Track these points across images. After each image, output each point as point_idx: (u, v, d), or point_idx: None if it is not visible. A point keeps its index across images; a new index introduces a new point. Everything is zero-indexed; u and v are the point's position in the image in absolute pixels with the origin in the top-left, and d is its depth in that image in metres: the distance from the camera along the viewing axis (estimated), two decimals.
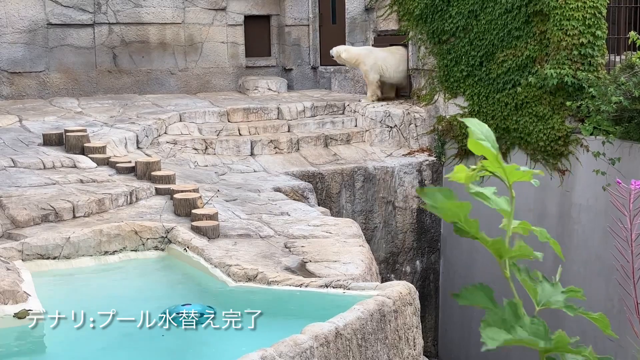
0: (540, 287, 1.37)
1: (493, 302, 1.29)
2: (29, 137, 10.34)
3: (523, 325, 1.26)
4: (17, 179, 8.09)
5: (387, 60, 12.86)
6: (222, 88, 15.32)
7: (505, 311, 1.27)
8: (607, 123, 9.09)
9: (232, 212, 8.01)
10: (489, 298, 1.29)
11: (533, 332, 1.26)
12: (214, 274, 6.02)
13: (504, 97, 10.75)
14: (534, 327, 1.27)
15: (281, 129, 12.32)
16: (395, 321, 4.90)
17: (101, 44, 14.43)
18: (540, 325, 1.28)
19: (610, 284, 8.81)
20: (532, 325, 1.27)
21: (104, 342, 5.06)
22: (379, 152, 12.06)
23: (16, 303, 5.10)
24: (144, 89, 14.77)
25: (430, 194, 1.29)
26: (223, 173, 10.59)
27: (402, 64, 12.94)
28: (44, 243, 6.21)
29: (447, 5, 11.74)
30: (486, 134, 1.32)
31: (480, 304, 1.28)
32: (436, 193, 1.30)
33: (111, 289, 6.15)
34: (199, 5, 15.02)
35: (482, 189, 1.35)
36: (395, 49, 13.11)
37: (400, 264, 11.67)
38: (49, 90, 14.17)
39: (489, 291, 1.31)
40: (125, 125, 11.23)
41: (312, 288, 5.41)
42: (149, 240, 6.67)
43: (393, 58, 12.88)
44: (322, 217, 8.14)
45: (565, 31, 9.75)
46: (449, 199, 1.29)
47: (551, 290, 1.37)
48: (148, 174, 8.58)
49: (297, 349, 4.10)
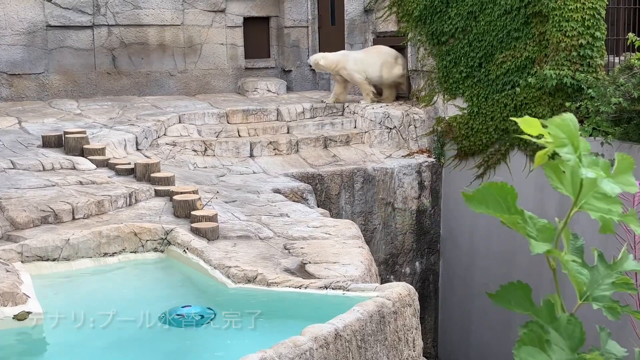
0: (591, 273, 1.26)
1: (531, 301, 1.21)
2: (28, 139, 10.34)
3: (558, 327, 1.19)
4: (16, 180, 8.09)
5: (364, 61, 12.87)
6: (222, 89, 15.33)
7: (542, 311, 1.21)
8: (606, 124, 9.09)
9: (231, 213, 8.01)
10: (526, 297, 1.21)
11: (568, 335, 1.19)
12: (214, 275, 6.02)
13: (503, 98, 10.76)
14: (570, 327, 1.19)
15: (280, 130, 12.32)
16: (395, 322, 4.90)
17: (100, 45, 14.44)
18: (577, 325, 1.20)
19: None
20: (569, 325, 1.19)
21: (104, 344, 5.06)
22: (379, 153, 12.06)
23: (16, 305, 5.10)
24: (143, 90, 14.77)
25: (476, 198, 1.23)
26: (222, 174, 10.59)
27: (382, 64, 12.87)
28: (44, 245, 6.20)
29: (446, 7, 11.75)
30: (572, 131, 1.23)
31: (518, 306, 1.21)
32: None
33: (111, 290, 6.14)
34: (198, 7, 15.02)
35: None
36: (373, 49, 13.14)
37: (399, 265, 11.66)
38: (48, 92, 14.17)
39: (527, 290, 1.23)
40: (125, 127, 11.23)
41: (312, 289, 5.41)
42: (149, 241, 6.66)
43: (370, 58, 12.88)
44: (322, 218, 8.14)
45: (564, 32, 9.76)
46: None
47: (604, 273, 1.26)
48: (147, 175, 8.58)
49: (296, 350, 4.09)
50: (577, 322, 1.20)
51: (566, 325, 1.20)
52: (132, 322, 5.33)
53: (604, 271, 1.26)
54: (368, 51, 13.13)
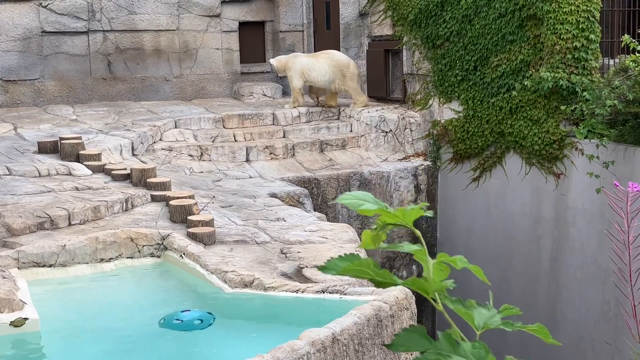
0: (476, 312, 1.39)
1: (428, 339, 1.31)
2: (24, 145, 10.33)
3: (463, 352, 1.27)
4: (12, 187, 8.08)
5: (311, 66, 12.92)
6: (217, 94, 15.33)
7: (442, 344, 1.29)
8: (601, 126, 9.11)
9: (228, 218, 8.01)
10: (423, 337, 1.31)
11: (475, 357, 1.27)
12: (211, 280, 6.01)
13: (498, 101, 10.77)
14: (475, 351, 1.29)
15: (276, 134, 12.33)
16: (392, 326, 4.90)
17: (96, 51, 14.43)
18: (482, 348, 1.30)
19: (606, 287, 8.82)
20: (474, 349, 1.29)
21: (100, 350, 5.05)
22: (375, 157, 12.07)
23: (12, 311, 5.09)
24: (139, 96, 14.77)
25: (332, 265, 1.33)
26: (219, 179, 10.59)
27: (329, 69, 12.89)
28: (40, 251, 6.19)
29: (441, 10, 11.77)
30: (361, 197, 1.38)
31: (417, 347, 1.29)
32: (338, 263, 1.34)
33: (107, 296, 6.13)
34: (193, 12, 15.03)
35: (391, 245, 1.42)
36: (321, 54, 13.20)
37: (396, 268, 11.67)
38: (43, 98, 14.16)
39: (422, 330, 1.33)
40: (121, 133, 11.23)
41: (309, 294, 5.40)
42: (145, 247, 6.66)
43: (317, 63, 12.94)
44: (318, 222, 8.14)
45: (559, 35, 9.78)
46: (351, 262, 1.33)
47: (487, 314, 1.40)
48: (143, 180, 8.57)
49: (294, 354, 4.09)
50: (482, 344, 1.30)
51: (472, 350, 1.29)
52: (128, 328, 5.32)
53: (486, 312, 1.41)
54: (317, 56, 13.20)
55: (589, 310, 9.18)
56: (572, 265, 9.56)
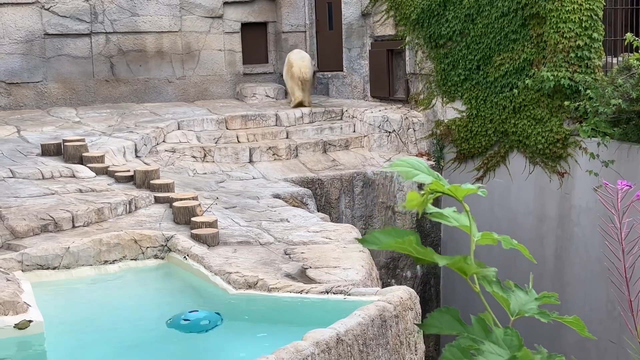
0: (513, 296, 1.36)
1: (461, 322, 1.28)
2: (27, 147, 10.33)
3: (495, 339, 1.25)
4: (16, 189, 8.08)
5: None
6: (220, 95, 15.33)
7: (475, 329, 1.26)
8: (605, 125, 9.08)
9: (231, 219, 8.01)
10: (455, 319, 1.28)
11: (507, 344, 1.25)
12: (214, 281, 6.01)
13: (501, 100, 10.76)
14: (507, 338, 1.26)
15: (279, 135, 12.32)
16: (397, 326, 4.89)
17: (98, 53, 14.44)
18: (514, 335, 1.26)
19: (610, 286, 8.79)
20: (506, 336, 1.26)
21: (105, 352, 5.05)
22: (378, 157, 12.06)
23: (16, 314, 5.09)
24: (142, 97, 14.77)
25: (372, 239, 1.29)
26: (222, 180, 10.59)
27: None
28: (44, 253, 6.20)
29: (444, 10, 11.75)
30: (416, 165, 1.35)
31: (449, 329, 1.26)
32: (380, 237, 1.30)
33: (111, 298, 6.14)
34: (195, 13, 15.03)
35: (439, 210, 1.38)
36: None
37: (400, 269, 11.65)
38: (46, 100, 14.17)
39: (455, 312, 1.30)
40: (124, 134, 11.23)
41: (313, 294, 5.40)
42: (149, 248, 6.66)
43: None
44: (322, 223, 8.13)
45: (561, 34, 9.76)
46: (395, 239, 1.29)
47: (525, 299, 1.36)
48: (147, 182, 8.57)
49: (298, 355, 4.09)
50: (514, 332, 1.27)
51: (504, 337, 1.26)
52: (133, 329, 5.32)
53: (524, 296, 1.38)
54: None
55: (593, 309, 9.16)
56: (576, 264, 9.54)
